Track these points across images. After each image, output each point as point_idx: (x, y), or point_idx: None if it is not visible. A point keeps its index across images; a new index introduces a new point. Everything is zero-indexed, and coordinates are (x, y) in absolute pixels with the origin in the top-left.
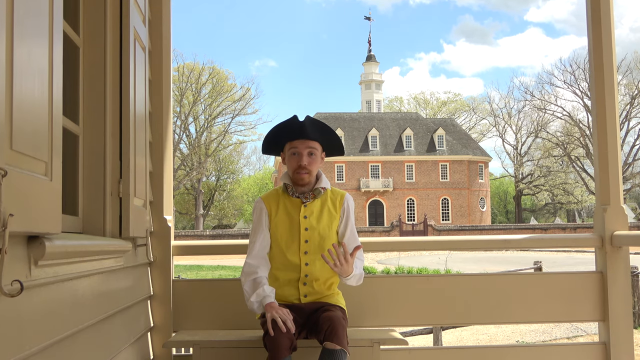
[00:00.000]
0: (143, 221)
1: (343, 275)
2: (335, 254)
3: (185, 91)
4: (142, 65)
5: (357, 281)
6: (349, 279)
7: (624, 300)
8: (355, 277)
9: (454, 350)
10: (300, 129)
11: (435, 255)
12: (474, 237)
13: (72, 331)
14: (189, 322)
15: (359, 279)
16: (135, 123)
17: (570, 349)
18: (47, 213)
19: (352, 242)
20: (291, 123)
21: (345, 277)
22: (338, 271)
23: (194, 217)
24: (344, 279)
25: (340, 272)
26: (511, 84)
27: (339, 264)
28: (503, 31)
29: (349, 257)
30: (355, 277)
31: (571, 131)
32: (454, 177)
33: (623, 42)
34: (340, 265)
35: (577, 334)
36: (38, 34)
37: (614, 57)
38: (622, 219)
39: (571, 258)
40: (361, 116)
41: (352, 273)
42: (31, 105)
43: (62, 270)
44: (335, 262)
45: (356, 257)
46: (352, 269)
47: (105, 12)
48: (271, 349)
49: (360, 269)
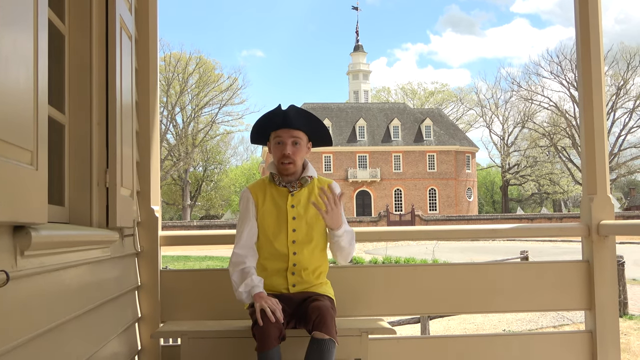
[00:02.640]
0: (130, 211)
1: (334, 227)
2: (326, 198)
3: (172, 81)
4: (129, 54)
5: (349, 241)
6: (341, 235)
7: (610, 289)
8: (347, 233)
9: (441, 339)
10: (284, 118)
11: (423, 245)
12: (461, 227)
13: (58, 322)
14: (177, 313)
15: (352, 240)
16: (121, 112)
17: (557, 337)
18: (33, 203)
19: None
20: (276, 112)
21: (337, 230)
22: (329, 219)
23: (182, 207)
24: (335, 235)
25: (331, 221)
26: (498, 74)
27: (330, 208)
28: (490, 21)
29: (338, 200)
30: (347, 233)
31: (557, 121)
32: (441, 168)
33: (608, 34)
34: (331, 208)
35: (564, 322)
36: (22, 22)
37: (601, 48)
38: (609, 208)
39: (557, 248)
40: (349, 106)
41: (342, 226)
42: (16, 94)
43: (49, 260)
44: (327, 207)
45: (345, 227)
46: (342, 219)
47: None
48: (260, 339)
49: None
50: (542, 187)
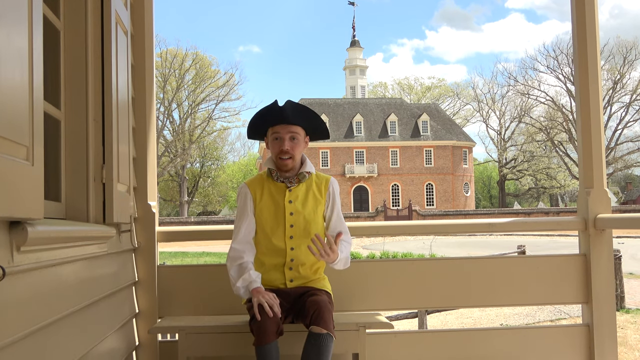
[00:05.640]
0: (127, 207)
1: (329, 263)
2: (320, 245)
3: (168, 77)
4: (125, 50)
5: (343, 265)
6: (336, 264)
7: (607, 282)
8: (341, 261)
9: (438, 333)
10: (281, 113)
11: (420, 240)
12: (458, 221)
13: (55, 317)
14: (175, 308)
15: (346, 263)
16: (118, 108)
17: (554, 331)
18: (29, 198)
19: (338, 226)
20: (272, 108)
21: (332, 264)
22: (324, 260)
23: (179, 204)
24: (331, 265)
25: (326, 261)
26: (495, 69)
27: (325, 254)
28: (485, 15)
29: (334, 246)
30: (341, 261)
31: (554, 116)
32: (438, 163)
33: (604, 28)
34: (326, 255)
35: (560, 316)
36: (17, 17)
37: (598, 42)
38: (606, 202)
39: (554, 242)
40: (345, 102)
41: (338, 259)
42: (11, 90)
43: (45, 256)
44: (321, 252)
45: (343, 240)
46: (337, 255)
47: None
48: (258, 334)
49: (346, 253)
50: (539, 181)
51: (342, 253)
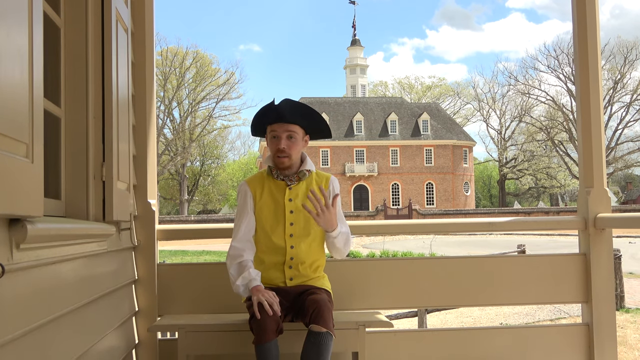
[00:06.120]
0: (127, 205)
1: (327, 229)
2: (316, 200)
3: (169, 75)
4: (125, 47)
5: (344, 242)
6: (336, 237)
7: (606, 282)
8: (341, 235)
9: (438, 332)
10: (277, 112)
11: (420, 239)
12: (458, 220)
13: (55, 315)
14: (174, 307)
15: (347, 240)
16: (118, 106)
17: (554, 330)
18: (29, 196)
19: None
20: (270, 107)
21: (331, 232)
22: (321, 222)
23: (179, 202)
24: (330, 236)
25: (323, 224)
26: (495, 68)
27: (321, 210)
28: (486, 15)
29: (330, 205)
30: (341, 235)
31: (555, 115)
32: (439, 162)
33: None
34: (322, 212)
35: (560, 316)
36: (17, 14)
37: (598, 42)
38: (606, 201)
39: (554, 241)
40: (346, 101)
41: (337, 228)
42: (11, 87)
43: (45, 253)
44: (317, 210)
45: (340, 223)
46: (336, 221)
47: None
48: (257, 332)
49: (347, 235)
50: (539, 181)
51: (343, 227)
